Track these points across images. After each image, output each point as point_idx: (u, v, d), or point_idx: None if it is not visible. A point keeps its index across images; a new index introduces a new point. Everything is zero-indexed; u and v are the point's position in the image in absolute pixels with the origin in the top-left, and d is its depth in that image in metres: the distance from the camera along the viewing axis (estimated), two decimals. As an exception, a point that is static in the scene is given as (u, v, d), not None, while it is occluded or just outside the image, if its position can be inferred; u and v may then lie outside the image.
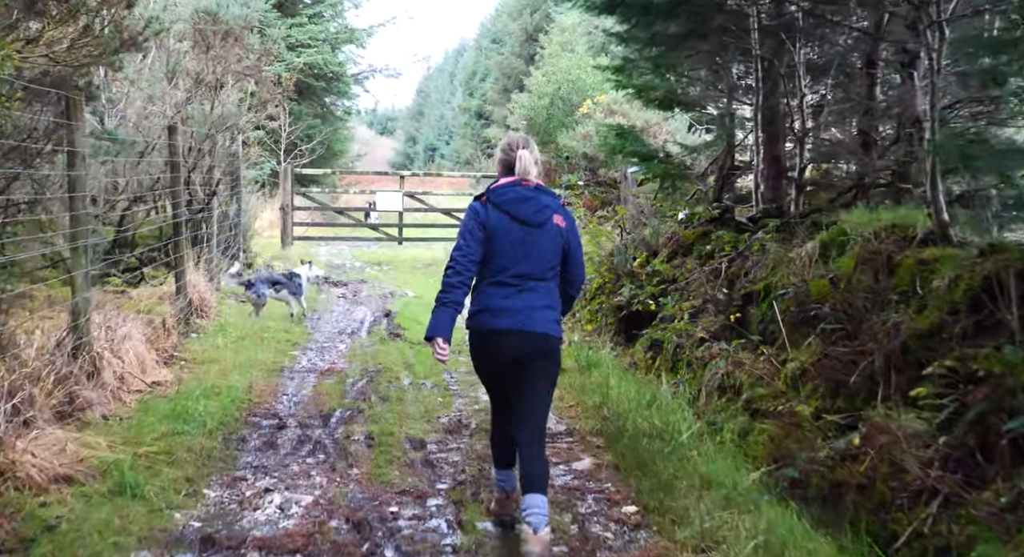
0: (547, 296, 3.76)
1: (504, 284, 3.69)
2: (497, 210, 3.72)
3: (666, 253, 7.81)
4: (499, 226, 3.69)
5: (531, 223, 3.71)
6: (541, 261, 3.73)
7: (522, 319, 3.65)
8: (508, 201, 3.73)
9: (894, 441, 3.75)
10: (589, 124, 14.08)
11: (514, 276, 3.69)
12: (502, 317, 3.66)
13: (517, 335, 3.65)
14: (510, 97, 47.41)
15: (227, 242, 11.89)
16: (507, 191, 3.76)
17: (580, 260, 3.95)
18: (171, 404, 5.50)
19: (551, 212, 3.77)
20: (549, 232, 3.74)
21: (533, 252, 3.70)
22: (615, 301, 7.99)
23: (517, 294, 3.68)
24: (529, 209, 3.73)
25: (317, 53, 23.73)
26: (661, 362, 6.59)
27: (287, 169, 16.14)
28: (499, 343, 3.69)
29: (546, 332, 3.71)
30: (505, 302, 3.67)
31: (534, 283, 3.71)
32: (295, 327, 9.15)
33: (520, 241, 3.69)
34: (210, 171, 10.41)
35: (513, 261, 3.69)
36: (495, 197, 3.76)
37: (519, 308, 3.66)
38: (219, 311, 9.18)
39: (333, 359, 7.73)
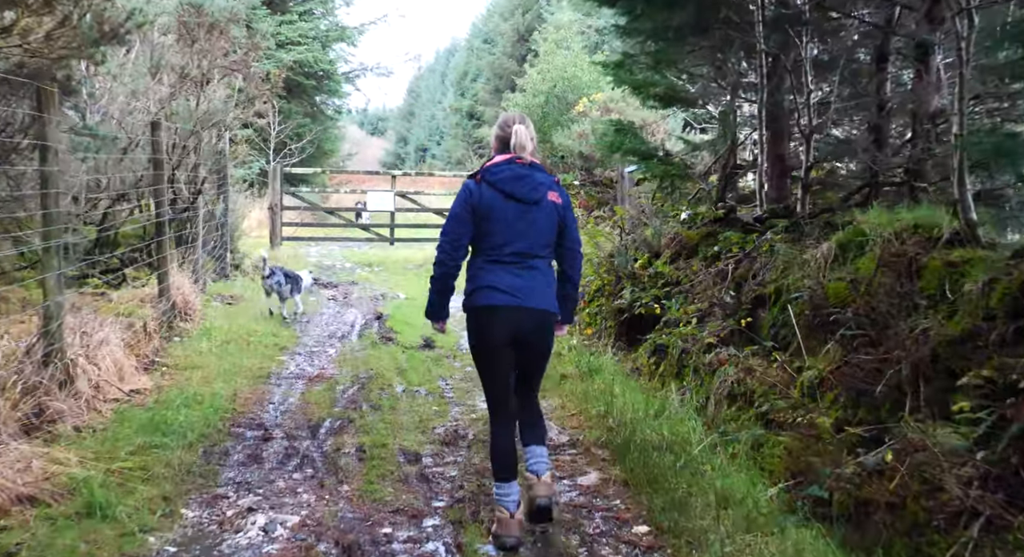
0: (546, 273, 3.82)
1: (502, 262, 3.72)
2: (492, 188, 3.72)
3: (669, 254, 7.53)
4: (494, 204, 3.70)
5: (527, 200, 3.72)
6: (538, 239, 3.75)
7: (523, 296, 3.69)
8: (503, 179, 3.72)
9: (929, 458, 3.47)
10: (585, 122, 13.79)
11: (512, 254, 3.71)
12: (503, 294, 3.69)
13: (518, 311, 3.69)
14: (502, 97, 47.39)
15: (213, 242, 11.55)
16: (502, 169, 3.75)
17: (576, 236, 3.96)
18: (149, 414, 5.18)
19: (546, 189, 3.78)
20: (545, 209, 3.76)
21: (530, 230, 3.72)
22: (616, 304, 7.70)
23: (517, 271, 3.71)
24: (525, 187, 3.73)
25: (307, 51, 23.38)
26: (666, 368, 6.30)
27: (276, 168, 15.80)
28: (501, 320, 3.71)
29: (545, 308, 3.77)
30: (505, 279, 3.70)
31: (533, 261, 3.75)
32: (283, 331, 8.83)
33: (516, 219, 3.71)
34: (195, 169, 10.08)
35: (510, 239, 3.71)
36: (490, 175, 3.75)
37: (519, 286, 3.70)
38: (204, 314, 8.85)
39: (323, 364, 7.42)
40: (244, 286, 11.40)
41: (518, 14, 48.43)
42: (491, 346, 3.79)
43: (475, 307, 3.78)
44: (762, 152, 8.19)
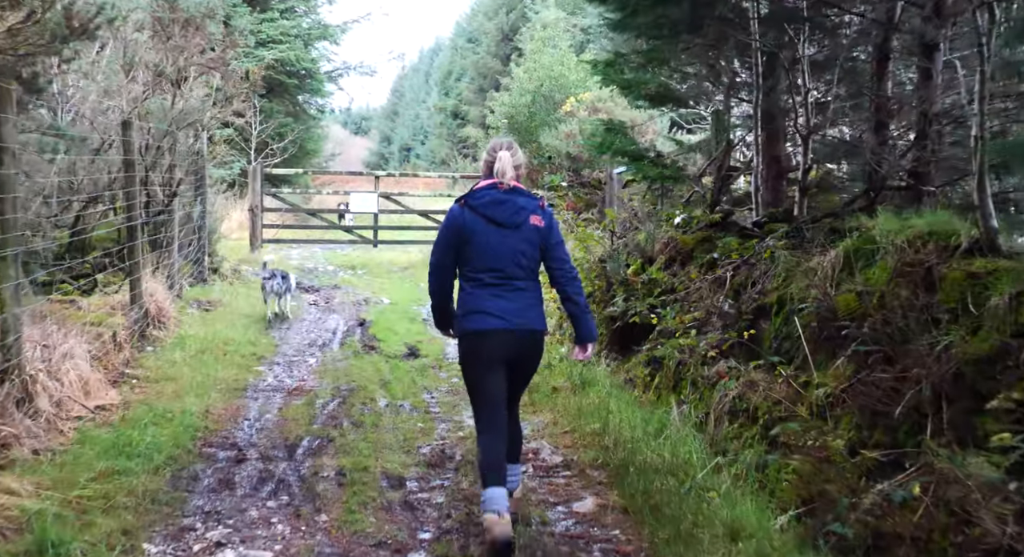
0: (531, 294, 3.92)
1: (488, 285, 3.81)
2: (474, 213, 3.84)
3: (663, 260, 7.25)
4: (476, 228, 3.81)
5: (507, 225, 3.82)
6: (520, 261, 3.84)
7: (512, 319, 3.79)
8: (484, 204, 3.84)
9: (959, 489, 3.20)
10: (573, 122, 13.50)
11: (497, 277, 3.81)
12: (493, 318, 3.77)
13: (509, 334, 3.79)
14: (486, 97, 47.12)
15: (190, 246, 11.19)
16: (484, 194, 3.87)
17: (563, 256, 4.02)
18: (115, 434, 4.84)
19: (528, 213, 3.87)
20: (525, 233, 3.85)
21: (511, 253, 3.82)
22: (608, 312, 7.41)
23: (504, 294, 3.81)
24: (505, 212, 3.83)
25: (289, 49, 22.98)
26: (662, 380, 6.02)
27: (256, 168, 15.43)
28: (492, 343, 3.79)
29: (534, 328, 3.89)
30: (493, 303, 3.79)
31: (517, 282, 3.84)
32: (262, 339, 8.49)
33: (498, 243, 3.81)
34: (171, 170, 9.72)
35: (493, 262, 3.81)
36: (472, 200, 3.88)
37: (506, 308, 3.79)
38: (179, 321, 8.50)
39: (302, 376, 7.09)
40: (222, 291, 11.04)
41: (502, 13, 48.29)
42: (482, 369, 3.85)
43: (465, 332, 3.87)
44: (757, 154, 7.94)
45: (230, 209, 19.88)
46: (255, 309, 10.24)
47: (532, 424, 5.50)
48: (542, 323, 3.96)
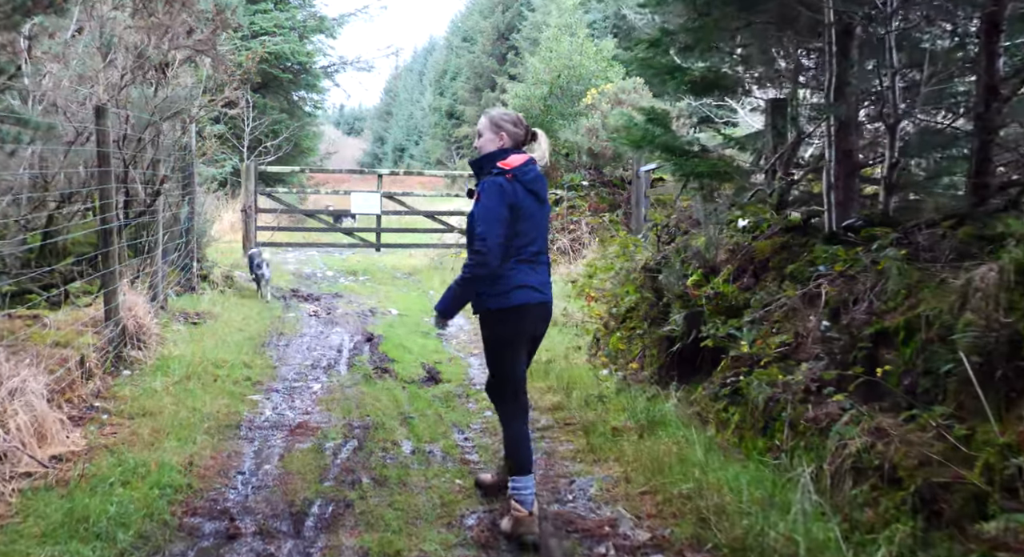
0: (549, 268, 4.08)
1: (529, 260, 3.86)
2: (524, 188, 3.80)
3: (730, 270, 6.16)
4: (525, 204, 3.79)
5: (543, 200, 3.93)
6: (547, 235, 4.06)
7: (547, 291, 3.97)
8: (532, 180, 3.84)
9: None
10: (595, 116, 12.44)
11: (534, 252, 3.88)
12: (535, 292, 3.87)
13: (543, 307, 3.95)
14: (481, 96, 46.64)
15: (177, 251, 10.08)
16: (530, 169, 3.86)
17: None
18: (68, 502, 3.74)
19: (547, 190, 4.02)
20: (548, 208, 4.03)
21: (544, 227, 3.98)
22: (661, 331, 6.34)
23: (539, 268, 3.93)
24: (544, 187, 3.93)
25: (283, 42, 21.88)
26: (745, 419, 4.94)
27: (250, 166, 14.31)
28: (534, 315, 3.91)
29: (552, 301, 4.04)
30: (532, 277, 3.86)
31: (544, 257, 3.98)
32: (257, 359, 7.38)
33: (538, 218, 3.90)
34: (154, 166, 8.62)
35: (533, 238, 3.87)
36: (521, 175, 3.80)
37: (543, 281, 3.95)
38: (163, 339, 7.40)
39: (305, 406, 6.00)
40: (213, 301, 9.94)
41: (498, 12, 48.03)
42: (520, 346, 3.93)
43: (513, 306, 3.81)
44: (830, 146, 6.88)
45: (222, 210, 18.79)
46: (249, 321, 9.15)
47: (598, 479, 4.42)
48: None
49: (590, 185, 12.34)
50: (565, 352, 7.39)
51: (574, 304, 9.17)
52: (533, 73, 14.08)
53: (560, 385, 6.24)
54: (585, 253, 11.28)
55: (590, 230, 11.46)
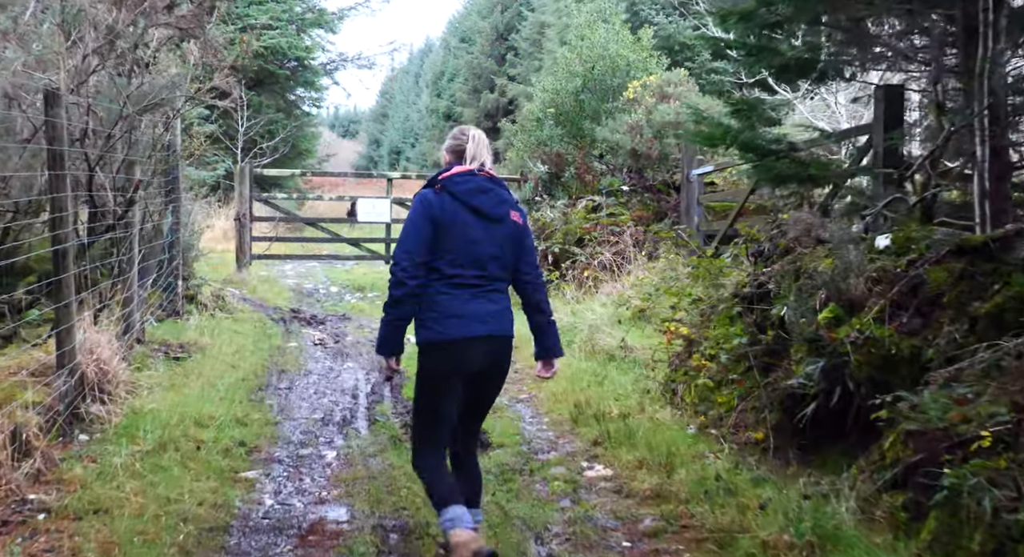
0: (506, 297, 3.54)
1: (467, 285, 3.38)
2: (454, 200, 3.38)
3: (881, 306, 4.65)
4: (456, 219, 3.36)
5: (491, 217, 3.42)
6: (500, 260, 3.46)
7: (495, 323, 3.42)
8: (468, 192, 3.40)
9: None
10: (639, 112, 10.95)
11: (476, 276, 3.40)
12: (473, 322, 3.36)
13: (489, 341, 3.41)
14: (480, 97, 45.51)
15: (160, 268, 8.55)
16: (466, 180, 3.43)
17: (535, 259, 3.66)
18: None
19: (509, 207, 3.50)
20: (507, 229, 3.47)
21: (494, 249, 3.43)
22: (782, 386, 4.85)
23: (484, 295, 3.42)
24: (489, 202, 3.43)
25: (280, 35, 20.37)
26: (959, 530, 3.43)
27: (245, 169, 12.80)
28: (469, 351, 3.38)
29: (510, 334, 3.52)
30: (475, 305, 3.38)
31: (497, 283, 3.47)
32: (254, 412, 5.86)
33: (481, 237, 3.40)
34: (128, 168, 7.09)
35: (473, 259, 3.39)
36: (452, 186, 3.40)
37: (491, 311, 3.42)
38: (134, 387, 5.88)
39: (319, 491, 4.49)
40: (201, 327, 8.44)
41: (497, 12, 47.33)
42: (453, 379, 3.41)
43: (440, 340, 3.35)
44: (983, 143, 5.45)
45: (213, 217, 17.31)
46: (244, 354, 7.66)
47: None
48: (513, 330, 3.54)
49: (631, 190, 10.85)
50: (640, 402, 5.88)
51: (634, 335, 7.66)
52: (564, 64, 12.60)
53: (654, 458, 4.73)
54: (630, 269, 9.78)
55: (634, 242, 9.96)
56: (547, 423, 5.86)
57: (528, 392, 6.78)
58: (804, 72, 7.03)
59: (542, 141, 12.37)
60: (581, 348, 7.77)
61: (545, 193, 11.70)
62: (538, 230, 10.73)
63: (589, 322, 8.20)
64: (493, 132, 45.20)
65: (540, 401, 6.46)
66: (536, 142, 12.61)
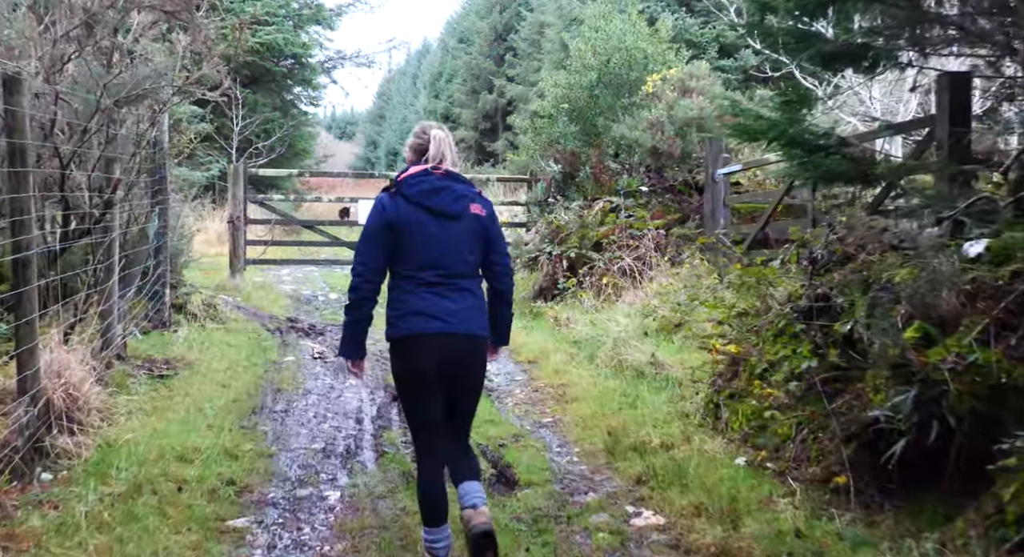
0: (476, 294, 3.52)
1: (431, 283, 3.39)
2: (408, 203, 3.39)
3: (983, 325, 3.96)
4: (412, 220, 3.37)
5: (448, 215, 3.41)
6: (463, 256, 3.45)
7: (455, 321, 3.39)
8: (421, 193, 3.41)
9: None
10: (659, 107, 10.25)
11: (439, 274, 3.40)
12: (434, 320, 3.36)
13: (451, 338, 3.39)
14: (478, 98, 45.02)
15: (145, 276, 7.86)
16: (419, 181, 3.43)
17: (504, 250, 3.65)
18: None
19: (468, 201, 3.47)
20: (468, 223, 3.45)
21: (454, 246, 3.42)
22: (861, 417, 4.17)
23: (446, 293, 3.40)
24: (445, 200, 3.42)
25: (277, 31, 19.68)
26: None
27: (239, 169, 12.10)
28: (433, 348, 3.38)
29: (478, 332, 3.48)
30: (434, 303, 3.38)
31: (461, 280, 3.45)
32: (244, 442, 5.16)
33: (439, 235, 3.39)
34: (107, 167, 6.39)
35: (434, 258, 3.39)
36: (405, 189, 3.42)
37: (451, 309, 3.39)
38: (109, 413, 5.19)
39: (320, 546, 3.80)
40: (190, 340, 7.75)
41: (495, 12, 47.16)
42: (422, 378, 3.42)
43: (403, 336, 3.39)
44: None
45: (207, 219, 16.63)
46: (236, 371, 6.99)
47: None
48: (486, 328, 3.52)
49: (651, 191, 10.16)
50: (683, 430, 5.19)
51: (664, 349, 6.97)
52: (578, 57, 11.90)
53: (713, 503, 4.03)
54: (651, 275, 9.09)
55: (655, 246, 9.28)
56: (579, 454, 5.16)
57: (552, 415, 6.08)
58: (855, 60, 6.34)
59: (555, 139, 11.68)
60: (606, 363, 7.09)
61: (559, 194, 11.01)
62: (552, 233, 10.04)
63: (613, 334, 7.51)
64: (491, 133, 44.77)
65: (566, 426, 5.77)
66: (548, 140, 11.93)
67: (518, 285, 10.86)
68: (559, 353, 7.73)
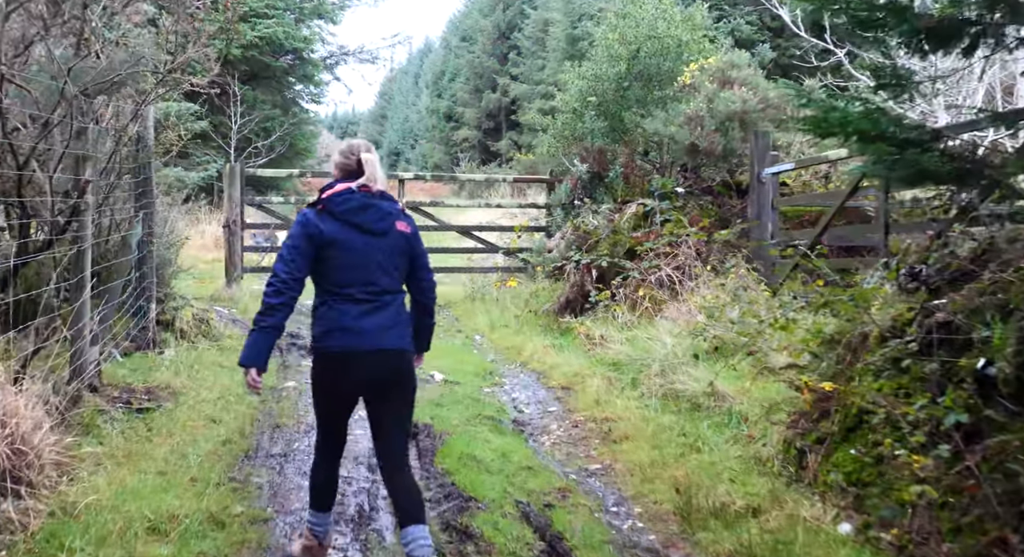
0: (401, 310, 3.53)
1: (355, 300, 3.39)
2: (335, 219, 3.40)
3: None
4: (338, 237, 3.39)
5: (375, 232, 3.44)
6: (389, 272, 3.47)
7: (379, 337, 3.39)
8: (349, 210, 3.42)
9: None
10: (699, 99, 9.30)
11: (365, 291, 3.40)
12: (357, 336, 3.36)
13: (374, 355, 3.38)
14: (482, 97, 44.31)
15: (126, 290, 6.92)
16: (347, 198, 3.43)
17: (428, 264, 3.68)
18: None
19: (393, 219, 3.51)
20: (393, 240, 3.49)
21: (380, 263, 3.44)
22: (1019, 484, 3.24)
23: (371, 310, 3.40)
24: (371, 217, 3.44)
25: (276, 25, 18.75)
26: None
27: (235, 169, 11.16)
28: (355, 365, 3.38)
29: (402, 348, 3.48)
30: (359, 320, 3.37)
31: (385, 297, 3.45)
32: (234, 502, 4.22)
33: (364, 252, 3.41)
34: (76, 166, 5.45)
35: (359, 274, 3.40)
36: (333, 206, 3.42)
37: (375, 326, 3.39)
38: (70, 465, 4.25)
39: None
40: (177, 363, 6.85)
41: (499, 10, 46.85)
42: (339, 395, 3.46)
43: (326, 353, 3.40)
44: None
45: (203, 222, 15.73)
46: (228, 401, 6.06)
47: None
48: (411, 344, 3.54)
49: (687, 192, 9.23)
50: (771, 489, 4.25)
51: (724, 377, 6.02)
52: (604, 46, 10.95)
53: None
54: (692, 286, 8.15)
55: (696, 254, 8.35)
56: (642, 517, 4.23)
57: (600, 460, 5.15)
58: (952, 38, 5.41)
59: (580, 136, 10.74)
60: (652, 392, 6.17)
61: (585, 196, 10.07)
62: (579, 239, 9.10)
63: (659, 357, 6.58)
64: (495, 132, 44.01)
65: (620, 476, 4.84)
66: (572, 137, 10.99)
67: (541, 296, 9.98)
68: (596, 378, 6.79)
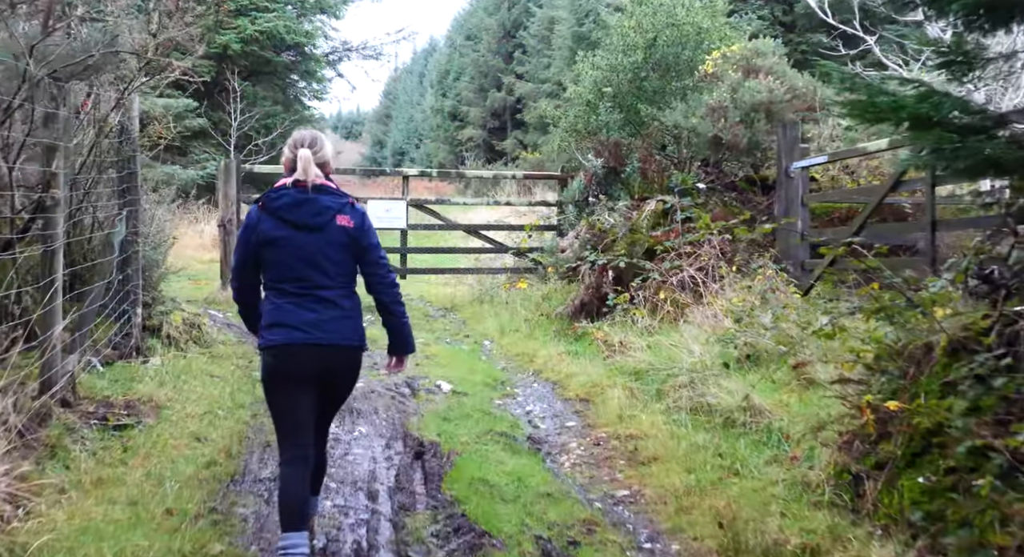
0: (340, 305, 3.47)
1: (292, 294, 3.42)
2: (271, 217, 3.43)
3: None
4: (274, 233, 3.42)
5: (308, 227, 3.42)
6: (327, 267, 3.44)
7: (317, 332, 3.39)
8: (282, 207, 3.43)
9: None
10: (722, 89, 8.74)
11: (302, 286, 3.42)
12: (296, 331, 3.39)
13: (314, 349, 3.40)
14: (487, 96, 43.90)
15: (109, 293, 6.39)
16: (281, 195, 3.45)
17: (378, 259, 3.56)
18: None
19: (333, 213, 3.47)
20: (331, 235, 3.45)
21: (313, 258, 3.42)
22: None
23: (309, 305, 3.41)
24: (305, 213, 3.43)
25: (277, 19, 18.23)
26: None
27: (231, 166, 10.64)
28: (297, 359, 3.41)
29: (340, 342, 3.46)
30: (296, 314, 3.40)
31: (324, 292, 3.43)
32: (213, 540, 3.68)
33: (300, 248, 3.41)
34: (47, 158, 4.92)
35: (294, 270, 3.42)
36: (269, 202, 3.46)
37: (311, 320, 3.40)
38: (30, 498, 3.72)
39: None
40: (162, 373, 6.33)
41: (504, 8, 46.57)
42: (287, 389, 3.45)
43: (267, 346, 3.44)
44: None
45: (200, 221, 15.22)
46: (215, 415, 5.56)
47: None
48: (358, 338, 3.52)
49: (709, 188, 8.68)
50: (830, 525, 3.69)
51: (760, 389, 5.46)
52: (620, 35, 10.39)
53: None
54: (716, 288, 7.60)
55: (720, 254, 7.80)
56: (681, 555, 3.68)
57: (627, 485, 4.60)
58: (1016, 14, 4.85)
59: (594, 129, 10.18)
60: (680, 405, 5.62)
61: (600, 192, 9.52)
62: (595, 238, 8.54)
63: (687, 366, 6.04)
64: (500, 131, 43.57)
65: (652, 505, 4.29)
66: (586, 131, 10.43)
67: (553, 299, 9.42)
68: (616, 388, 6.24)
